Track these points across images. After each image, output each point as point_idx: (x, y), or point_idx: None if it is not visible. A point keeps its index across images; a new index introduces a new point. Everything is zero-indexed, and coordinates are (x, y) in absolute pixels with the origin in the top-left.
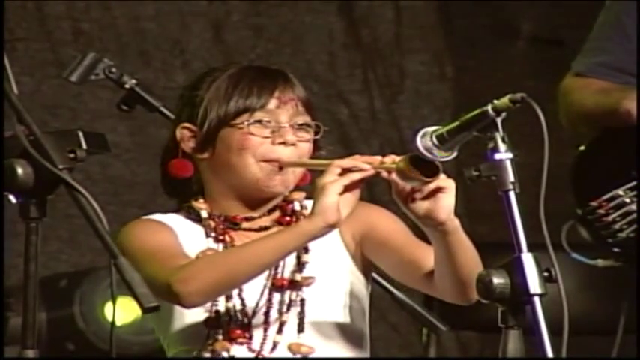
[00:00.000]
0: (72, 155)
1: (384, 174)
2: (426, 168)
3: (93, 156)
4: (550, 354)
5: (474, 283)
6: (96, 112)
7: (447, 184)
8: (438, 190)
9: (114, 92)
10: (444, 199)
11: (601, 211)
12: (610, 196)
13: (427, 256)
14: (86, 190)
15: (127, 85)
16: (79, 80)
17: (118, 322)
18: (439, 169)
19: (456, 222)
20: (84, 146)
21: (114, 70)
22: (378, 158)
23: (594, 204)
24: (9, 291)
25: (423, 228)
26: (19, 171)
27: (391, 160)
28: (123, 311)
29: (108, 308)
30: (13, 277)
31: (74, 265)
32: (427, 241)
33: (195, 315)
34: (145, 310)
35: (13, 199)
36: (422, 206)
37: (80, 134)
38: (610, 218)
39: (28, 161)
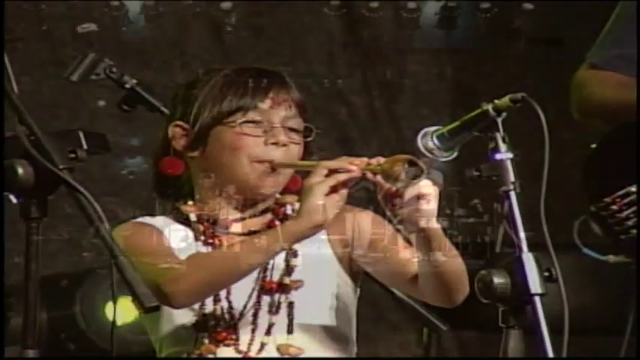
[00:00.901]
0: (72, 155)
1: (369, 175)
2: (411, 170)
3: (93, 156)
4: (551, 354)
5: (457, 287)
6: (96, 112)
7: (429, 190)
8: (420, 196)
9: (114, 92)
10: (425, 206)
11: (614, 207)
12: (624, 193)
13: (412, 260)
14: (86, 190)
15: (127, 85)
16: (80, 80)
17: (119, 322)
18: (423, 172)
19: (438, 228)
20: (84, 146)
21: (114, 70)
22: (365, 159)
23: (608, 200)
24: (9, 291)
25: (405, 233)
26: (20, 171)
27: (376, 161)
28: (123, 311)
29: (108, 308)
30: (14, 277)
31: (74, 265)
32: None
33: (183, 317)
34: (146, 310)
35: (13, 198)
36: (402, 211)
37: (81, 134)
38: (624, 214)
39: (28, 161)
